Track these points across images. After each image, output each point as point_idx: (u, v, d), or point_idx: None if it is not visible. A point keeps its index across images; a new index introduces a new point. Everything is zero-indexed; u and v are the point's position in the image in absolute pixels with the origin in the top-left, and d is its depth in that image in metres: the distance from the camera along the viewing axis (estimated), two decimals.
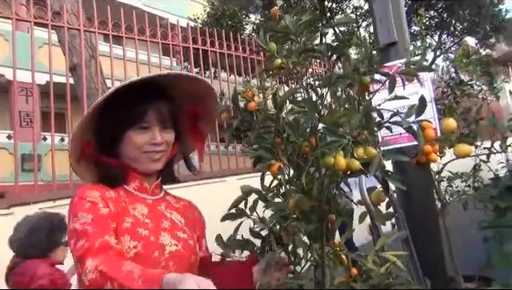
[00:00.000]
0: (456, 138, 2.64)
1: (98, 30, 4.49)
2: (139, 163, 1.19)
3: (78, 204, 1.08)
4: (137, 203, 1.17)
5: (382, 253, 1.50)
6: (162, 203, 1.25)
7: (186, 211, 1.31)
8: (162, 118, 1.18)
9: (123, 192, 1.18)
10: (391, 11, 2.58)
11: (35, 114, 6.60)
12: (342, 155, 1.06)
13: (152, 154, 1.18)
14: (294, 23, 1.25)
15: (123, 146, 1.18)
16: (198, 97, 1.30)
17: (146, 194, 1.22)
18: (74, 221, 1.04)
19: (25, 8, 4.31)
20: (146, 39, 4.90)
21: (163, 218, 1.20)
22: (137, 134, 1.16)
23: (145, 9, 13.00)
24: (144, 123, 1.16)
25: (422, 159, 1.33)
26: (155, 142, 1.17)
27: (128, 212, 1.13)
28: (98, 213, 1.06)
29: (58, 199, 3.63)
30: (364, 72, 1.19)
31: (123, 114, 1.15)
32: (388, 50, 2.61)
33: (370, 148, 1.11)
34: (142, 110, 1.15)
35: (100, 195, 1.11)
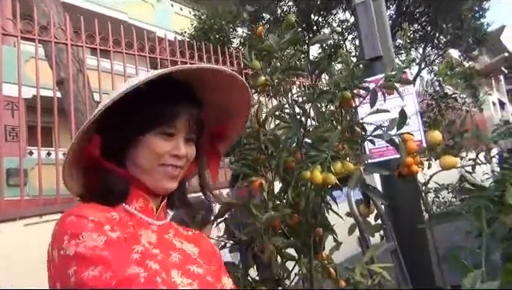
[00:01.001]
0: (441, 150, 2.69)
1: (85, 44, 4.49)
2: (152, 177, 0.93)
3: (76, 224, 0.78)
4: (142, 229, 0.91)
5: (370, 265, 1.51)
6: (170, 230, 1.00)
7: (199, 240, 1.05)
8: (189, 127, 0.95)
9: (125, 215, 0.91)
10: (376, 27, 2.63)
11: (21, 129, 6.53)
12: (319, 169, 1.08)
13: (171, 168, 0.93)
14: (277, 42, 1.28)
15: (136, 152, 0.92)
16: (228, 112, 1.09)
17: (152, 218, 0.96)
18: (75, 244, 0.75)
19: (11, 22, 4.30)
20: (133, 53, 4.91)
21: (172, 249, 0.93)
22: (158, 139, 0.91)
23: (132, 22, 13.06)
24: (171, 129, 0.92)
25: (404, 170, 1.36)
26: (178, 154, 0.93)
27: (137, 239, 0.87)
28: (109, 237, 0.78)
29: (45, 214, 3.59)
30: (345, 87, 1.22)
31: (147, 112, 0.91)
32: (373, 64, 2.66)
33: (348, 163, 1.13)
34: (174, 113, 0.92)
35: (103, 215, 0.83)
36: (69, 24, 4.39)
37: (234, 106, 1.07)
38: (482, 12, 12.59)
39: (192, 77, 0.96)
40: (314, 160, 1.12)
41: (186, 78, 0.95)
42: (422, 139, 2.56)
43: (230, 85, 1.01)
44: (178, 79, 0.94)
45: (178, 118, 0.92)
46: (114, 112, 0.89)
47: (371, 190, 1.20)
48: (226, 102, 1.06)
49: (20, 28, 4.04)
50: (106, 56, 4.85)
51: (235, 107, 1.08)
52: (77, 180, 0.97)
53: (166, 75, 0.89)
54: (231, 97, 1.04)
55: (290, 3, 11.46)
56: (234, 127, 1.13)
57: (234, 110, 1.08)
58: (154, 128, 0.91)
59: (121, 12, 13.85)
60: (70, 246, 0.74)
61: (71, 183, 0.97)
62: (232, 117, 1.10)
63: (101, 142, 0.91)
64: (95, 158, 0.91)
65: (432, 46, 13.72)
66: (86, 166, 0.95)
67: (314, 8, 11.09)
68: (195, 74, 0.95)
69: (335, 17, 12.09)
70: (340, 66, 1.64)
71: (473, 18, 12.09)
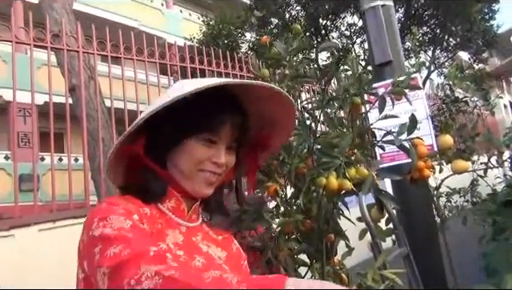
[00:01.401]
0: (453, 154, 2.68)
1: (96, 51, 4.55)
2: (191, 181, 0.94)
3: (107, 209, 0.83)
4: (170, 229, 0.92)
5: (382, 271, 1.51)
6: (199, 233, 0.99)
7: (228, 244, 1.05)
8: (232, 137, 0.96)
9: (156, 212, 0.93)
10: (385, 31, 2.63)
11: (34, 135, 6.61)
12: (334, 175, 1.08)
13: (209, 175, 0.94)
14: (285, 49, 1.29)
15: (178, 155, 0.94)
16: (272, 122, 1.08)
17: (182, 218, 0.97)
18: (102, 225, 0.78)
19: (23, 30, 4.37)
20: (144, 59, 4.96)
21: (197, 253, 0.92)
22: (200, 145, 0.93)
23: (142, 29, 13.18)
24: (214, 137, 0.93)
25: (416, 175, 1.36)
26: (218, 161, 0.94)
27: (163, 237, 0.89)
28: (136, 223, 0.82)
29: (58, 219, 3.63)
30: (354, 93, 1.23)
31: (193, 118, 0.92)
32: (383, 68, 2.66)
33: (362, 168, 1.14)
34: (220, 121, 0.93)
35: (135, 207, 0.87)
36: (80, 32, 4.45)
37: (277, 117, 1.06)
38: (491, 14, 12.49)
39: (238, 87, 0.97)
40: (328, 167, 1.13)
41: (232, 86, 0.96)
42: (433, 144, 2.55)
43: (275, 98, 1.00)
44: (224, 87, 0.94)
45: (222, 127, 0.93)
46: (159, 115, 0.90)
47: (384, 195, 1.21)
48: (269, 113, 1.05)
49: (33, 36, 4.10)
50: (117, 62, 4.90)
51: (279, 118, 1.07)
52: (119, 173, 1.00)
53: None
54: (276, 108, 1.03)
55: (298, 8, 11.48)
56: (276, 138, 1.12)
57: (278, 121, 1.07)
58: (199, 134, 0.92)
59: (131, 19, 13.99)
60: (97, 227, 0.78)
61: (114, 175, 1.00)
62: (275, 128, 1.09)
63: (145, 141, 0.94)
64: (139, 156, 0.94)
65: (441, 48, 13.65)
66: (128, 162, 0.97)
67: (322, 12, 11.10)
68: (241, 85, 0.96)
69: (343, 20, 12.09)
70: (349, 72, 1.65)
71: (482, 20, 12.00)
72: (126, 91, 4.51)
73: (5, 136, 10.37)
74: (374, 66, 2.73)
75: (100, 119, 4.50)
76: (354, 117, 1.43)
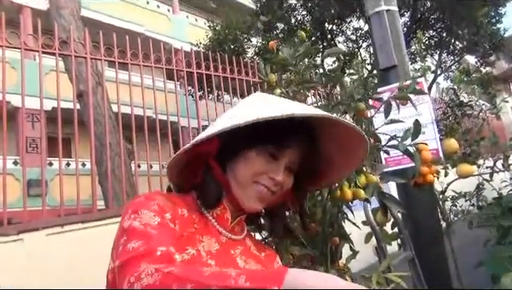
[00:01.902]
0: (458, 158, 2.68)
1: (104, 57, 4.60)
2: (244, 191, 0.92)
3: (142, 203, 0.84)
4: (207, 236, 0.89)
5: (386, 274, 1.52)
6: (239, 246, 0.96)
7: (269, 263, 1.01)
8: (295, 159, 0.95)
9: (196, 216, 0.91)
10: (390, 36, 2.65)
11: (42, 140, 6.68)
12: (347, 185, 1.10)
13: (263, 189, 0.92)
14: (291, 55, 1.31)
15: (239, 163, 0.92)
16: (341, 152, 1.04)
17: (225, 228, 0.94)
18: (133, 218, 0.80)
19: (32, 37, 4.43)
20: (150, 65, 5.01)
21: (232, 265, 0.89)
22: (261, 157, 0.91)
23: (148, 34, 13.28)
24: (279, 153, 0.92)
25: (419, 180, 1.37)
26: (275, 177, 0.91)
27: (194, 241, 0.86)
28: (166, 221, 0.82)
29: (66, 224, 3.66)
30: (359, 98, 1.25)
31: (263, 129, 0.87)
32: (388, 73, 2.67)
33: (370, 175, 1.15)
34: (288, 139, 0.92)
35: (172, 206, 0.87)
36: (88, 38, 4.51)
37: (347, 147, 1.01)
38: (498, 17, 12.44)
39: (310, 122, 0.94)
40: None
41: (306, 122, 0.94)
42: (439, 148, 2.55)
43: (348, 133, 0.96)
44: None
45: (289, 145, 0.92)
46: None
47: (388, 198, 1.22)
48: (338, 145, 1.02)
49: (41, 43, 4.16)
50: (124, 68, 4.95)
51: (349, 149, 1.02)
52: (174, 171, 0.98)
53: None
54: (347, 144, 1.00)
55: (304, 13, 11.52)
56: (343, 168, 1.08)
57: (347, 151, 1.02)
58: (264, 146, 0.91)
59: (138, 24, 14.11)
60: (128, 219, 0.80)
61: (172, 170, 0.98)
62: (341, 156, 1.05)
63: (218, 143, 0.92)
64: (206, 156, 0.93)
65: (448, 52, 13.61)
66: (189, 161, 0.95)
67: (328, 17, 11.12)
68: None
69: (349, 25, 12.10)
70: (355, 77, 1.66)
71: (489, 23, 11.96)
72: (132, 97, 4.56)
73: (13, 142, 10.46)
74: (379, 71, 2.74)
75: (107, 124, 4.54)
76: (358, 122, 1.44)
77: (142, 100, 4.68)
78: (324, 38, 11.77)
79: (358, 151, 1.02)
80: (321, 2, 10.90)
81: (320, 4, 10.92)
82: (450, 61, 14.14)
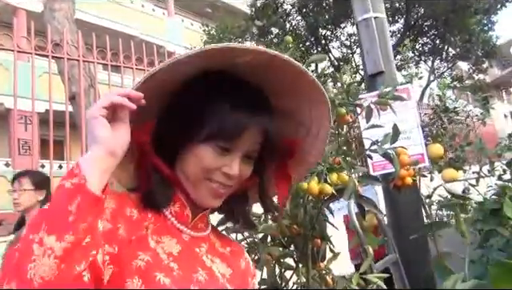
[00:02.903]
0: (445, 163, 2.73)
1: (96, 60, 4.62)
2: (196, 189, 0.81)
3: None
4: (166, 236, 0.79)
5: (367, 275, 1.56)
6: (204, 243, 0.86)
7: (235, 260, 0.91)
8: (253, 144, 0.81)
9: (152, 214, 0.80)
10: (378, 43, 2.70)
11: (34, 142, 6.68)
12: (315, 180, 1.13)
13: (217, 186, 0.81)
14: None
15: (186, 157, 0.80)
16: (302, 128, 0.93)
17: (185, 226, 0.83)
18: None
19: (25, 39, 4.45)
20: (143, 68, 5.03)
21: (200, 265, 0.80)
22: (211, 152, 0.78)
23: (143, 37, 13.31)
24: (230, 144, 0.79)
25: (398, 182, 1.41)
26: (230, 173, 0.79)
27: (146, 245, 0.75)
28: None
29: None
30: (340, 104, 1.28)
31: (208, 118, 0.77)
32: (375, 79, 2.71)
33: (342, 174, 1.18)
34: (239, 127, 0.77)
35: (115, 208, 0.75)
36: (81, 41, 4.53)
37: (308, 120, 0.91)
38: (490, 25, 12.59)
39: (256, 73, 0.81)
40: (311, 172, 1.18)
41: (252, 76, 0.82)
42: (424, 153, 2.59)
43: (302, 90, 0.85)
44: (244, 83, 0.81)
45: (243, 134, 0.78)
46: (176, 105, 0.81)
47: (365, 200, 1.26)
48: (296, 112, 0.91)
49: (34, 45, 4.18)
50: (118, 71, 4.97)
51: (310, 123, 0.92)
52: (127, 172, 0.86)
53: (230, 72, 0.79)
54: (305, 109, 0.89)
55: (299, 18, 11.60)
56: (310, 148, 0.95)
57: (309, 126, 0.92)
58: (212, 139, 0.78)
59: (133, 28, 14.14)
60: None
61: (121, 173, 0.84)
62: (307, 135, 0.94)
63: (153, 130, 0.81)
64: (145, 147, 0.80)
65: (441, 58, 13.75)
66: (138, 160, 0.83)
67: (322, 22, 11.21)
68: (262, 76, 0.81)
69: (343, 30, 12.20)
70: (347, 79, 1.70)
71: (481, 31, 12.11)
72: None
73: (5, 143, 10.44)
74: (367, 77, 2.79)
75: None
76: (339, 126, 1.48)
77: None
78: (318, 44, 11.86)
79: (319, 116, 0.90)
80: (315, 7, 10.99)
81: (314, 10, 11.01)
82: (444, 67, 14.28)
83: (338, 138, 1.41)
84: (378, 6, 2.79)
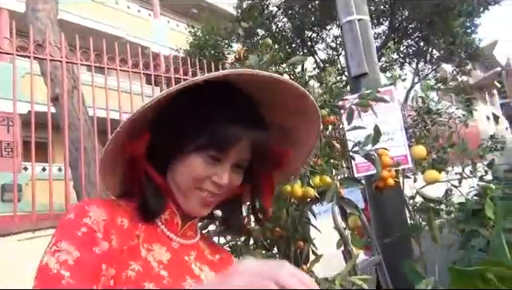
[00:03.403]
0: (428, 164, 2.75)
1: (80, 61, 4.57)
2: (186, 198, 0.83)
3: (69, 225, 0.74)
4: (156, 244, 0.80)
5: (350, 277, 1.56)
6: (193, 252, 0.87)
7: (224, 268, 0.91)
8: (243, 155, 0.83)
9: (143, 223, 0.82)
10: (361, 45, 2.71)
11: (16, 144, 6.58)
12: (299, 184, 1.13)
13: (207, 195, 0.82)
14: (257, 62, 1.34)
15: (178, 166, 0.82)
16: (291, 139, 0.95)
17: (175, 234, 0.85)
18: (52, 252, 0.71)
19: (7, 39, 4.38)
20: (127, 70, 4.99)
21: (188, 273, 0.81)
22: (202, 161, 0.79)
23: (128, 38, 13.21)
24: (220, 155, 0.80)
25: (380, 183, 1.42)
26: (219, 182, 0.80)
27: (138, 254, 0.76)
28: (90, 251, 0.71)
29: (37, 229, 3.61)
30: (321, 106, 1.28)
31: (201, 128, 0.78)
32: (359, 80, 2.73)
33: (325, 177, 1.18)
34: (231, 139, 0.79)
35: (106, 219, 0.76)
36: (64, 42, 4.47)
37: (298, 132, 0.94)
38: (473, 28, 12.81)
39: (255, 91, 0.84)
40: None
41: (251, 94, 0.84)
42: (407, 154, 2.61)
43: (298, 108, 0.88)
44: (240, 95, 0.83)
45: (234, 145, 0.80)
46: (169, 115, 0.82)
47: (346, 203, 1.26)
48: (290, 125, 0.93)
49: (16, 46, 4.11)
50: (102, 72, 4.92)
51: (300, 134, 0.95)
52: (116, 179, 0.89)
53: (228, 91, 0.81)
54: (297, 121, 0.92)
55: (285, 20, 11.64)
56: (294, 157, 0.96)
57: (298, 136, 0.95)
58: (203, 149, 0.79)
59: (118, 29, 14.03)
60: (47, 253, 0.71)
61: (110, 181, 0.88)
62: (294, 144, 0.96)
63: (148, 141, 0.82)
64: (138, 156, 0.81)
65: (425, 60, 13.93)
66: (128, 167, 0.85)
67: (308, 24, 11.27)
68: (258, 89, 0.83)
69: (329, 32, 12.28)
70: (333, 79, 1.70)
71: (464, 33, 12.30)
72: (109, 101, 4.53)
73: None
74: (351, 79, 2.81)
75: (82, 129, 4.50)
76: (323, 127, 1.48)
77: (118, 105, 4.66)
78: (304, 45, 11.91)
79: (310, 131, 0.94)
80: (301, 9, 11.05)
81: (300, 11, 11.06)
82: (428, 69, 14.47)
83: (320, 139, 1.41)
84: (362, 9, 2.82)
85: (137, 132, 0.81)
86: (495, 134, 8.25)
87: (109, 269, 0.71)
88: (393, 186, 1.45)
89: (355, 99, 1.80)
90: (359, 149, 1.36)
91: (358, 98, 1.38)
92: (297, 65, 2.02)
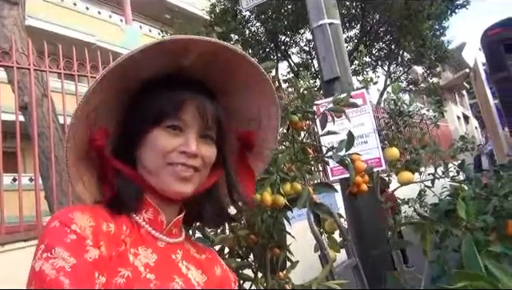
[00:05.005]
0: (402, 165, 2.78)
1: (49, 68, 4.46)
2: (160, 178, 0.79)
3: (56, 232, 0.69)
4: (142, 247, 0.78)
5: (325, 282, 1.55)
6: (179, 250, 0.85)
7: (210, 267, 0.90)
8: (203, 122, 0.81)
9: (127, 225, 0.78)
10: (333, 49, 2.73)
11: None
12: (269, 191, 1.12)
13: (180, 167, 0.78)
14: None
15: (142, 151, 0.80)
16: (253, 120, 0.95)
17: (160, 232, 0.82)
18: (45, 258, 0.67)
19: None
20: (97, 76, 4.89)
21: (176, 273, 0.79)
22: (163, 134, 0.78)
23: (100, 44, 13.01)
24: (176, 121, 0.79)
25: (354, 189, 1.42)
26: (187, 150, 0.78)
27: (126, 261, 0.74)
28: (83, 258, 0.68)
29: (7, 243, 3.50)
30: (293, 111, 1.28)
31: (150, 103, 0.79)
32: (331, 84, 2.75)
33: (296, 184, 1.17)
34: (177, 101, 0.79)
35: (93, 225, 0.72)
36: (31, 49, 4.35)
37: (256, 112, 0.93)
38: (442, 30, 13.13)
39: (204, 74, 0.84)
40: (263, 183, 1.16)
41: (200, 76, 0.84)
42: (381, 156, 2.64)
43: (247, 84, 0.87)
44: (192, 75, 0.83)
45: (182, 107, 0.79)
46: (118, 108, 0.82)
47: (319, 208, 1.25)
48: (245, 107, 0.93)
49: None
50: (72, 79, 4.82)
51: (260, 115, 0.94)
52: (90, 185, 0.85)
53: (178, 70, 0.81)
54: (250, 100, 0.91)
55: (258, 24, 11.67)
56: (264, 140, 0.96)
57: (260, 118, 0.94)
58: (158, 121, 0.78)
59: (89, 35, 13.81)
60: (40, 259, 0.67)
61: (82, 189, 0.84)
62: (259, 128, 0.95)
63: (108, 135, 0.80)
64: (99, 149, 0.79)
65: (397, 63, 14.20)
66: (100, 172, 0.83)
67: (281, 28, 11.33)
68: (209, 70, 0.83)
69: (302, 36, 12.37)
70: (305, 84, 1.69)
71: (433, 36, 12.59)
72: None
73: None
74: (323, 83, 2.82)
75: (53, 137, 4.39)
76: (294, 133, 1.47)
77: None
78: (278, 49, 11.96)
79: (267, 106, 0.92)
80: (274, 13, 11.10)
81: (273, 16, 11.11)
82: (399, 72, 14.75)
83: (293, 145, 1.41)
84: (333, 13, 2.84)
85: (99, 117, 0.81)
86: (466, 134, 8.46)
87: (100, 277, 0.68)
88: (366, 191, 1.45)
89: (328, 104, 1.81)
90: (333, 155, 1.36)
91: (332, 103, 1.37)
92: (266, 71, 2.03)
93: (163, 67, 0.80)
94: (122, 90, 0.80)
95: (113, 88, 0.78)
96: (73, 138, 0.78)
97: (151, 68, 0.80)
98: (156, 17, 17.77)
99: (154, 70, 0.81)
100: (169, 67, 0.81)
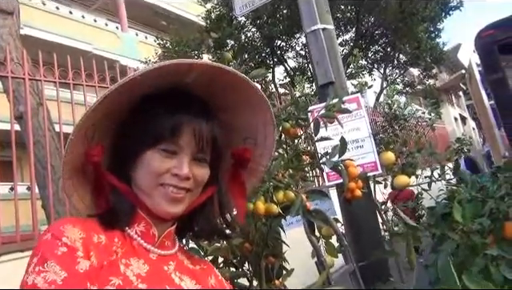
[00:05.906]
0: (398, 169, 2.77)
1: (43, 78, 4.45)
2: (152, 199, 0.81)
3: (48, 245, 0.72)
4: (134, 258, 0.79)
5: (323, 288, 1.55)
6: (172, 262, 0.86)
7: (205, 277, 0.91)
8: (197, 145, 0.82)
9: (119, 238, 0.80)
10: (327, 54, 2.73)
11: None
12: (262, 200, 1.11)
13: (172, 189, 0.80)
14: None
15: (137, 170, 0.82)
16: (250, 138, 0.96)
17: (152, 244, 0.84)
18: (37, 272, 0.69)
19: None
20: (94, 85, 4.89)
21: (168, 283, 0.81)
22: (157, 157, 0.80)
23: (96, 52, 13.02)
24: (172, 145, 0.80)
25: (348, 195, 1.41)
26: (180, 173, 0.79)
27: (117, 270, 0.75)
28: (74, 270, 0.70)
29: (4, 254, 3.48)
30: (285, 118, 1.27)
31: (146, 124, 0.81)
32: (326, 89, 2.75)
33: (289, 192, 1.17)
34: (174, 125, 0.80)
35: (84, 237, 0.74)
36: (26, 58, 4.35)
37: (253, 130, 0.95)
38: (437, 32, 13.17)
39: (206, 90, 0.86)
40: (256, 191, 1.15)
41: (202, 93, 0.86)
42: (377, 161, 2.64)
43: (247, 102, 0.89)
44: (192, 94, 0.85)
45: (179, 131, 0.80)
46: (123, 123, 0.84)
47: (314, 216, 1.25)
48: (243, 125, 0.94)
49: None
50: (68, 87, 4.81)
51: (255, 132, 0.95)
52: (84, 198, 0.88)
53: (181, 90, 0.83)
54: (248, 118, 0.93)
55: (254, 29, 11.70)
56: (259, 158, 0.98)
57: (256, 136, 0.96)
58: (152, 143, 0.80)
59: (85, 43, 13.81)
60: (32, 272, 0.69)
61: (77, 200, 0.88)
62: (255, 145, 0.96)
63: (104, 152, 0.82)
64: (95, 165, 0.81)
65: (393, 65, 14.23)
66: (95, 187, 0.85)
67: (277, 33, 11.35)
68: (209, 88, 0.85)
69: (298, 41, 12.39)
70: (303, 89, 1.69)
71: (429, 38, 12.63)
72: (76, 116, 4.43)
73: None
74: (318, 87, 2.82)
75: (49, 146, 4.38)
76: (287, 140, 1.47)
77: None
78: (274, 54, 11.98)
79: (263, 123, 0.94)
80: (269, 18, 11.12)
81: (269, 21, 11.14)
82: (396, 74, 14.78)
83: (285, 152, 1.40)
84: (326, 18, 2.84)
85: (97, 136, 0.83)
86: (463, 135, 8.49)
87: (91, 287, 0.70)
88: (361, 197, 1.45)
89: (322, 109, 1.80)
90: (326, 161, 1.35)
91: (324, 108, 1.37)
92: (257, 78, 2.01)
93: (166, 83, 0.81)
94: (122, 103, 0.82)
95: (114, 102, 0.80)
96: (71, 152, 0.80)
97: (152, 86, 0.81)
98: (152, 24, 17.81)
99: (155, 87, 0.82)
100: (171, 84, 0.82)
